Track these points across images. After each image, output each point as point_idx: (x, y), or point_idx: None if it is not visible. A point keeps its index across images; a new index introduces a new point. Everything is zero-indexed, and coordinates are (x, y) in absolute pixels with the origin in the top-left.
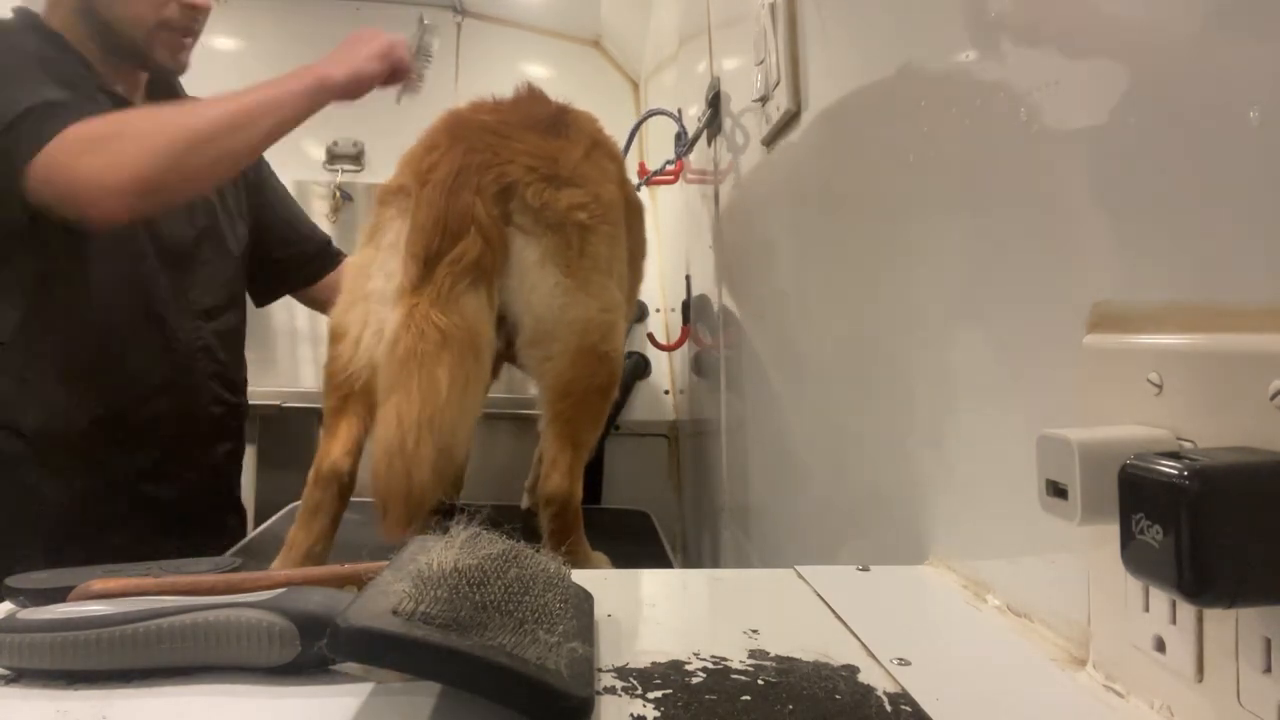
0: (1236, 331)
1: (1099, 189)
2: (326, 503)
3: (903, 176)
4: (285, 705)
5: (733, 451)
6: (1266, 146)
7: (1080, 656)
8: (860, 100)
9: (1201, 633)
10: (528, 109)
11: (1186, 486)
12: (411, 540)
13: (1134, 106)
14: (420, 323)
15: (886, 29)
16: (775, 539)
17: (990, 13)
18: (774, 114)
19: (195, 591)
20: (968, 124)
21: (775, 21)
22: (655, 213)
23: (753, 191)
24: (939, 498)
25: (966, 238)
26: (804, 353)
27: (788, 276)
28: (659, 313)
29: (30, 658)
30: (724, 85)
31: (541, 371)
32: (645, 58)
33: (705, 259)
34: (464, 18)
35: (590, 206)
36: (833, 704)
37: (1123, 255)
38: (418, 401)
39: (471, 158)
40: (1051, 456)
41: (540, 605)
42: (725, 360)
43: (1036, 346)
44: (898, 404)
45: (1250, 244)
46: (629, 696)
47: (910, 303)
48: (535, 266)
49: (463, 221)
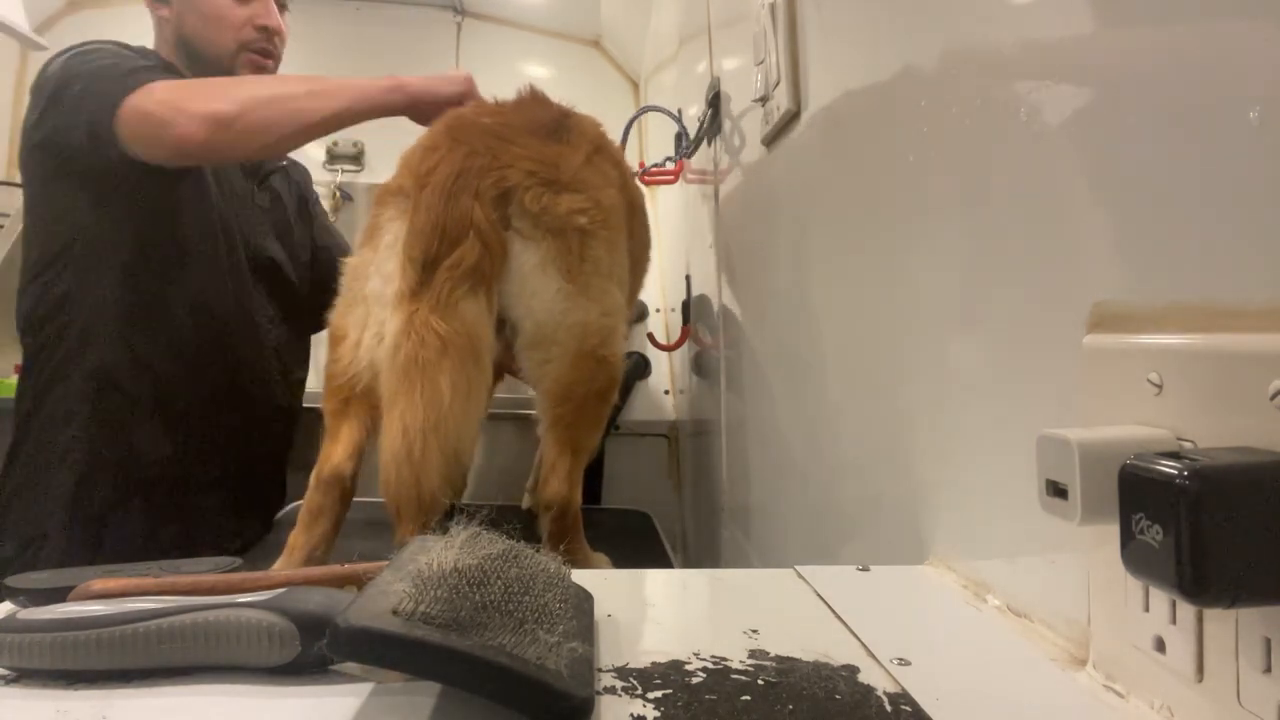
0: (1236, 331)
1: (1099, 189)
2: (328, 506)
3: (903, 176)
4: (285, 705)
5: (733, 451)
6: (1266, 146)
7: (1080, 656)
8: (860, 100)
9: (1201, 633)
10: (530, 112)
11: (1186, 486)
12: (412, 540)
13: (1134, 106)
14: (420, 329)
15: (886, 29)
16: (775, 539)
17: (990, 12)
18: (774, 114)
19: (195, 591)
20: (968, 124)
21: (775, 21)
22: (655, 212)
23: (753, 191)
24: (939, 497)
25: (966, 237)
26: (804, 352)
27: (788, 276)
28: (659, 313)
29: (30, 658)
30: (724, 85)
31: (541, 376)
32: (645, 58)
33: (705, 259)
34: (464, 18)
35: (591, 212)
36: (833, 704)
37: (1123, 255)
38: (421, 409)
39: (471, 161)
40: (1051, 456)
41: (540, 605)
42: (725, 360)
43: (1036, 346)
44: (897, 404)
45: (1250, 244)
46: (629, 696)
47: (910, 302)
48: (536, 271)
49: (461, 226)
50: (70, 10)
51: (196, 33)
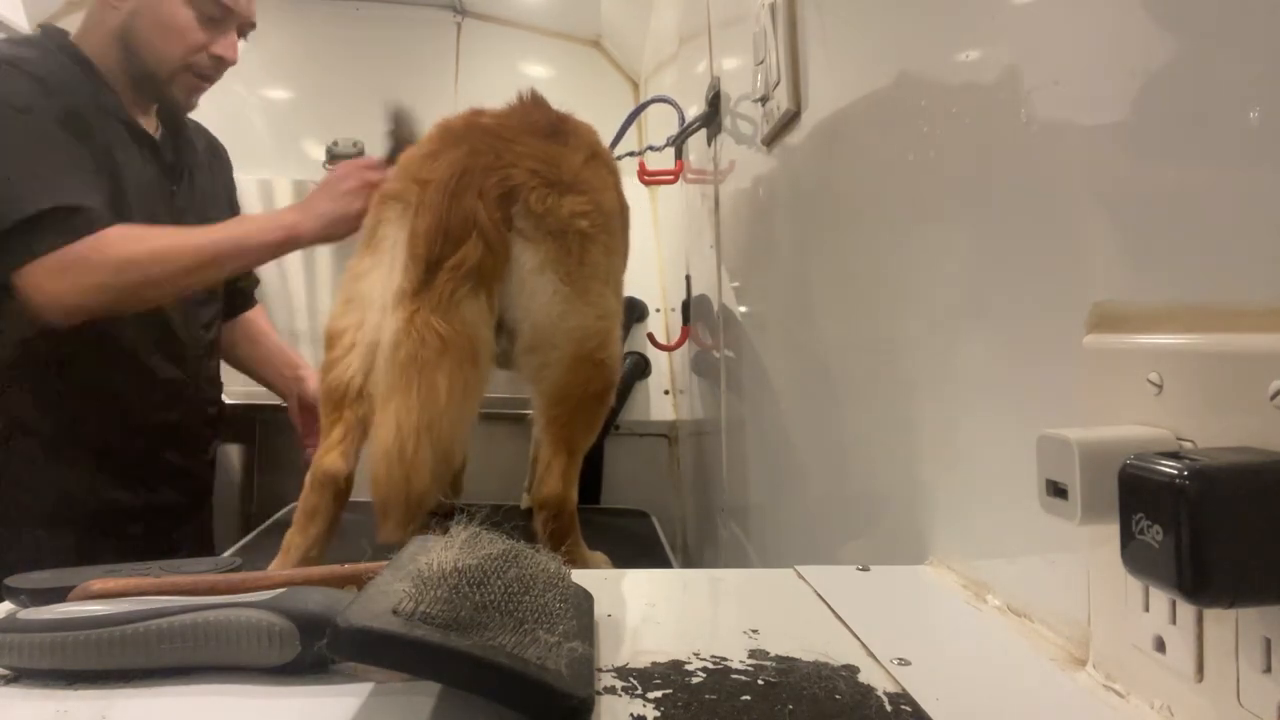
0: (1236, 331)
1: (1099, 189)
2: (323, 507)
3: (903, 176)
4: (285, 705)
5: (733, 451)
6: (1266, 146)
7: (1080, 656)
8: (860, 100)
9: (1201, 633)
10: (527, 114)
11: (1186, 486)
12: (411, 540)
13: (1134, 106)
14: (421, 329)
15: (886, 29)
16: (775, 539)
17: (990, 12)
18: (774, 114)
19: (195, 591)
20: (968, 124)
21: (775, 21)
22: (655, 212)
23: (753, 191)
24: (939, 498)
25: (966, 237)
26: (804, 352)
27: (788, 276)
28: (659, 313)
29: (30, 658)
30: (724, 85)
31: (538, 378)
32: (645, 58)
33: (705, 259)
34: (464, 18)
35: (592, 215)
36: (833, 704)
37: (1123, 255)
38: (416, 408)
39: (475, 160)
40: (1051, 456)
41: (540, 605)
42: (725, 360)
43: (1036, 346)
44: (897, 403)
45: (1250, 244)
46: (629, 696)
47: (910, 302)
48: (535, 273)
49: (465, 225)
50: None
51: (145, 38)
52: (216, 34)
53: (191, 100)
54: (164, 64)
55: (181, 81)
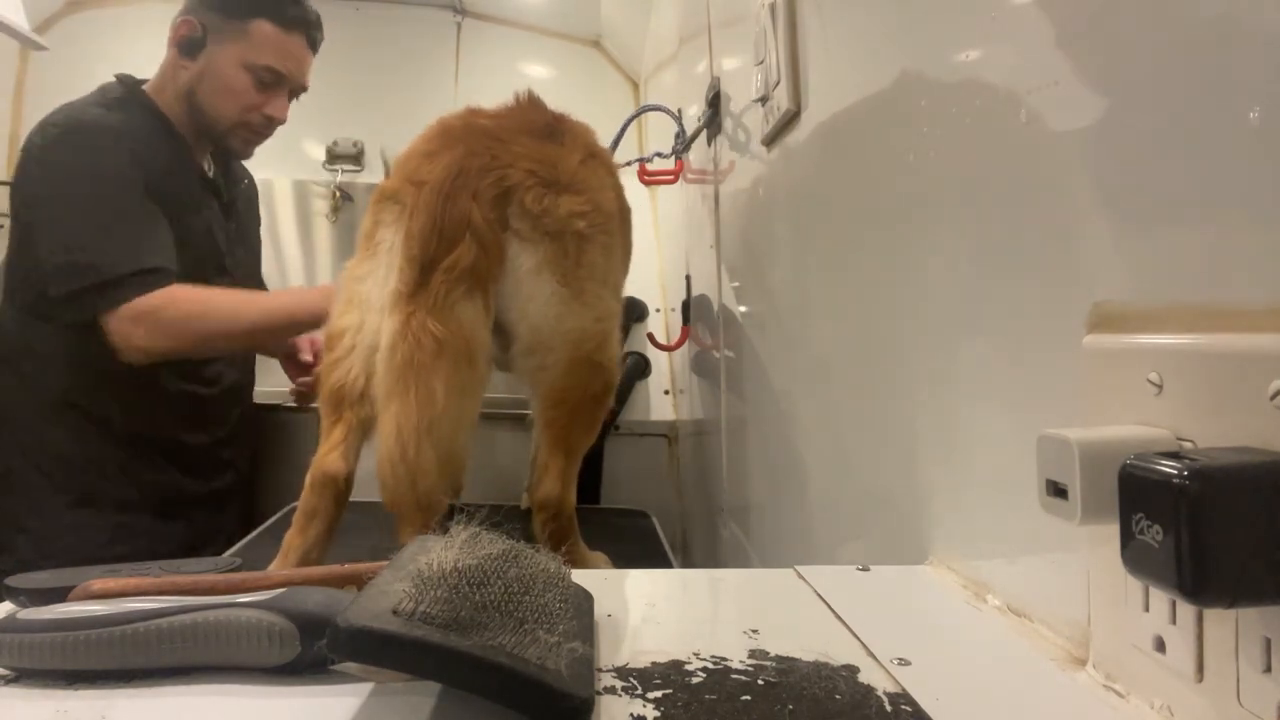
0: (1236, 331)
1: (1099, 189)
2: (323, 508)
3: (902, 176)
4: (285, 705)
5: (733, 451)
6: (1266, 146)
7: (1080, 656)
8: (860, 100)
9: (1201, 633)
10: (524, 114)
11: (1186, 486)
12: (411, 540)
13: (1134, 106)
14: (417, 331)
15: (886, 29)
16: (775, 539)
17: (990, 13)
18: (774, 114)
19: (195, 591)
20: (968, 124)
21: (775, 21)
22: (655, 212)
23: (753, 191)
24: (939, 498)
25: (966, 237)
26: (804, 352)
27: (788, 276)
28: (659, 313)
29: (30, 658)
30: (724, 85)
31: (536, 380)
32: (645, 58)
33: (705, 259)
34: (464, 18)
35: (590, 215)
36: (833, 704)
37: (1123, 255)
38: (415, 411)
39: (471, 160)
40: (1051, 456)
41: (540, 605)
42: (725, 360)
43: (1036, 346)
44: (897, 404)
45: (1250, 244)
46: (629, 696)
47: (910, 302)
48: (531, 274)
49: (459, 227)
50: (70, 10)
51: (208, 98)
52: (270, 96)
53: (247, 150)
54: (222, 120)
55: (237, 135)
